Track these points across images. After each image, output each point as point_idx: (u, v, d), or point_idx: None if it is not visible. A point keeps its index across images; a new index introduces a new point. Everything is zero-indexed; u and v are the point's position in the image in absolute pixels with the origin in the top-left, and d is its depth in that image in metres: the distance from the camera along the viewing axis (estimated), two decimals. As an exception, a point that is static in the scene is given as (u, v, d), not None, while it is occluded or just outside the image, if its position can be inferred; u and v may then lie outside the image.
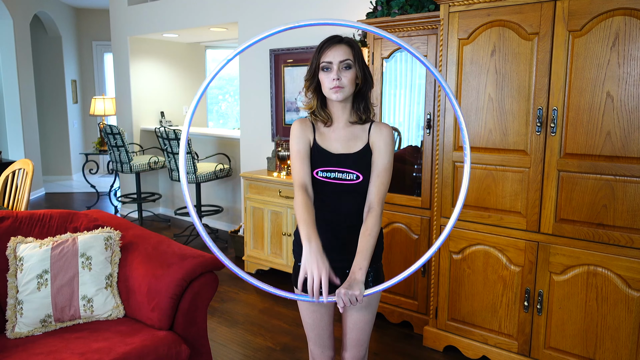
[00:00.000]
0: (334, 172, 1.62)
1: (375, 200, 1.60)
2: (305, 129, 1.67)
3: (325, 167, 1.63)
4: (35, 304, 2.04)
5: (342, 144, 1.65)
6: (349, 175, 1.61)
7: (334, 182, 1.62)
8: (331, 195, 1.63)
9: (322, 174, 1.63)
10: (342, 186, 1.62)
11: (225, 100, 8.47)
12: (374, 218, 1.58)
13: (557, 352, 2.43)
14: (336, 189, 1.62)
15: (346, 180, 1.61)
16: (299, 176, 1.62)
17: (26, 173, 3.23)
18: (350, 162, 1.62)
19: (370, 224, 1.57)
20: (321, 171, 1.63)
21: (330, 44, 1.59)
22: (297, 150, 1.64)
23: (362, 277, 1.48)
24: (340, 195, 1.63)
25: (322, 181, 1.63)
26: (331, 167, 1.62)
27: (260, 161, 4.47)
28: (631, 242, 2.17)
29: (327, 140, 1.66)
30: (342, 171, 1.61)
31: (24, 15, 6.56)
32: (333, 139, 1.66)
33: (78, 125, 8.13)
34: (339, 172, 1.62)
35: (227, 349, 2.86)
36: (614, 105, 2.15)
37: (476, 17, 2.45)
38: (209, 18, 4.73)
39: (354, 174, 1.61)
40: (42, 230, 2.32)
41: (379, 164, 1.62)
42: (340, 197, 1.63)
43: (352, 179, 1.61)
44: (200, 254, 2.19)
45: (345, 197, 1.63)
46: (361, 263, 1.50)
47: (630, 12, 2.06)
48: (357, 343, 1.76)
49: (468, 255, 2.64)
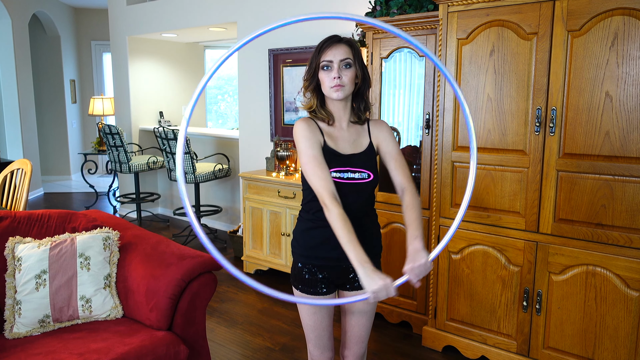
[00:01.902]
0: (347, 172, 1.63)
1: (405, 180, 1.65)
2: (314, 130, 1.63)
3: (338, 167, 1.62)
4: (34, 304, 2.03)
5: (349, 144, 1.67)
6: (362, 175, 1.63)
7: (348, 182, 1.62)
8: (342, 196, 1.62)
9: (335, 175, 1.61)
10: (355, 185, 1.63)
11: (224, 100, 8.47)
12: (411, 194, 1.62)
13: (556, 352, 2.43)
14: (350, 189, 1.63)
15: (359, 179, 1.63)
16: (326, 184, 1.54)
17: (24, 173, 3.22)
18: (360, 162, 1.64)
19: (409, 200, 1.61)
20: (334, 172, 1.61)
21: (331, 43, 1.60)
22: (314, 156, 1.58)
23: (421, 245, 1.47)
24: (351, 194, 1.63)
25: (335, 182, 1.61)
26: (344, 168, 1.62)
27: (259, 161, 4.47)
28: (630, 242, 2.17)
29: (334, 141, 1.66)
30: (354, 171, 1.63)
31: (23, 15, 6.55)
32: (341, 139, 1.67)
33: (77, 125, 8.12)
34: (351, 172, 1.63)
35: (226, 349, 2.86)
36: (613, 105, 2.15)
37: (475, 17, 2.45)
38: (208, 18, 4.72)
39: (366, 172, 1.64)
40: (40, 230, 2.32)
41: (392, 150, 1.68)
42: (351, 196, 1.63)
43: (365, 178, 1.64)
44: (199, 254, 2.19)
45: (355, 195, 1.64)
46: (415, 232, 1.52)
47: (629, 12, 2.06)
48: (359, 340, 1.78)
49: (467, 255, 2.64)
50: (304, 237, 1.71)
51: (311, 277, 1.69)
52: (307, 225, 1.70)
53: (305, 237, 1.70)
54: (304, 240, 1.70)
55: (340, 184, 1.61)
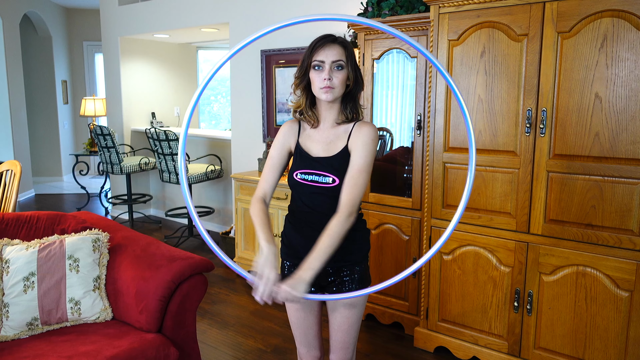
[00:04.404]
0: (311, 175, 1.63)
1: (343, 202, 1.51)
2: (290, 132, 1.70)
3: (304, 169, 1.64)
4: (22, 306, 2.01)
5: (322, 147, 1.65)
6: (325, 179, 1.61)
7: (311, 184, 1.63)
8: (308, 197, 1.64)
9: (300, 176, 1.64)
10: (318, 188, 1.62)
11: (217, 102, 8.45)
12: (338, 219, 1.49)
13: (547, 352, 2.43)
14: (313, 191, 1.63)
15: (322, 183, 1.61)
16: (264, 184, 1.69)
17: (14, 174, 3.19)
18: (327, 165, 1.61)
19: (332, 225, 1.48)
20: (300, 173, 1.64)
21: (324, 42, 1.56)
22: (271, 157, 1.70)
23: (308, 278, 1.40)
24: (316, 197, 1.63)
25: (299, 182, 1.64)
26: (309, 170, 1.63)
27: (251, 162, 4.45)
28: (619, 243, 2.18)
29: (309, 142, 1.67)
30: (318, 174, 1.62)
31: (14, 15, 6.51)
32: (315, 141, 1.66)
33: (68, 126, 8.07)
34: (315, 174, 1.62)
35: (217, 351, 2.84)
36: (602, 107, 2.16)
37: (466, 18, 2.46)
38: (200, 19, 4.71)
39: (330, 177, 1.60)
40: (29, 232, 2.30)
41: (354, 165, 1.56)
42: (316, 199, 1.63)
43: (328, 182, 1.60)
44: (189, 256, 2.18)
45: (320, 199, 1.63)
46: (312, 263, 1.42)
47: (618, 14, 2.07)
48: (343, 345, 1.74)
49: (458, 256, 2.65)
50: (286, 236, 1.74)
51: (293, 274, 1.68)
52: (288, 225, 1.74)
53: (288, 237, 1.73)
54: (288, 240, 1.73)
55: (304, 185, 1.64)
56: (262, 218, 1.60)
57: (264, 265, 1.45)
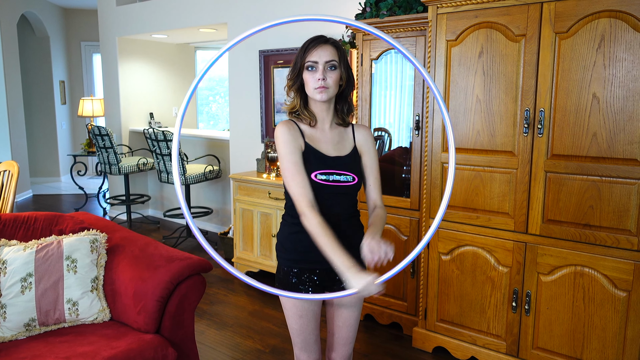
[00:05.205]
0: (332, 175, 1.61)
1: (378, 198, 1.71)
2: (295, 133, 1.61)
3: (324, 169, 1.60)
4: (19, 307, 2.01)
5: (333, 147, 1.65)
6: (346, 177, 1.62)
7: (332, 184, 1.61)
8: (327, 197, 1.61)
9: (320, 177, 1.60)
10: (339, 188, 1.62)
11: (215, 102, 8.44)
12: (382, 208, 1.70)
13: (545, 352, 2.44)
14: (333, 191, 1.62)
15: (343, 182, 1.62)
16: (305, 191, 1.54)
17: (11, 175, 3.19)
18: (345, 165, 1.63)
19: (380, 211, 1.67)
20: (319, 174, 1.60)
21: (316, 43, 1.58)
22: (294, 162, 1.57)
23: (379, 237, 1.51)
24: (335, 197, 1.63)
25: (320, 184, 1.60)
26: (328, 170, 1.61)
27: (249, 163, 4.45)
28: (617, 243, 2.19)
29: (318, 142, 1.64)
30: (339, 173, 1.62)
31: (11, 15, 6.49)
32: (324, 141, 1.65)
33: (66, 126, 8.06)
34: (336, 174, 1.61)
35: (216, 352, 2.84)
36: (600, 107, 2.16)
37: (464, 18, 2.46)
38: (198, 19, 4.70)
39: (350, 175, 1.63)
40: (26, 232, 2.29)
41: (373, 166, 1.71)
42: (335, 199, 1.63)
43: (349, 181, 1.62)
44: (187, 257, 2.17)
45: (339, 198, 1.64)
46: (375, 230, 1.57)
47: (615, 15, 2.08)
48: (346, 341, 1.78)
49: (457, 256, 2.65)
50: (291, 241, 1.67)
51: (298, 281, 1.66)
52: (293, 228, 1.65)
53: (293, 241, 1.66)
54: (291, 244, 1.67)
55: (325, 186, 1.60)
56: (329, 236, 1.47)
57: (364, 285, 1.38)
